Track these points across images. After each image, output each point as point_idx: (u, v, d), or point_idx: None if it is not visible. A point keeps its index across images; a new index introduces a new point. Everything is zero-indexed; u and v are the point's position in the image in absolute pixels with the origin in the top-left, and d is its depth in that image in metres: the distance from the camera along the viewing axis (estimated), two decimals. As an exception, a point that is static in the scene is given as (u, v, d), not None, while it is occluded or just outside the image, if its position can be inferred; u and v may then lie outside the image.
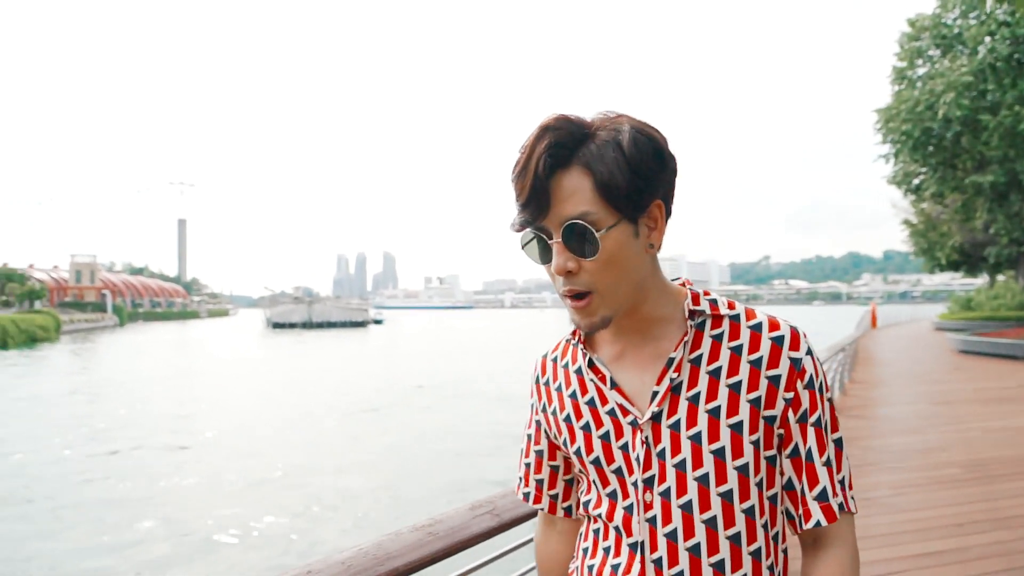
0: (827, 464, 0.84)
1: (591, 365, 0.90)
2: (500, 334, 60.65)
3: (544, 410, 0.98)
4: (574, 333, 0.93)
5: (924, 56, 23.35)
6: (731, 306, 0.88)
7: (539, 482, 1.02)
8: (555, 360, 0.98)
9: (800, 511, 0.84)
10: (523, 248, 0.84)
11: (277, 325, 77.76)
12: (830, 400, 0.86)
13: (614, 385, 0.87)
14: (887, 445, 6.11)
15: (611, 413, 0.87)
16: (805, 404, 0.83)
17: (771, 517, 0.84)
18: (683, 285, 0.90)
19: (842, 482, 0.85)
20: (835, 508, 0.83)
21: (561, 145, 0.77)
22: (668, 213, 0.84)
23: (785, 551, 0.88)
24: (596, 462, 0.89)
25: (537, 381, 1.00)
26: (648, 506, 0.84)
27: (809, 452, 0.83)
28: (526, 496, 1.04)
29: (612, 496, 0.88)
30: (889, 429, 6.96)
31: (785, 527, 0.87)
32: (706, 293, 0.89)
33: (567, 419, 0.93)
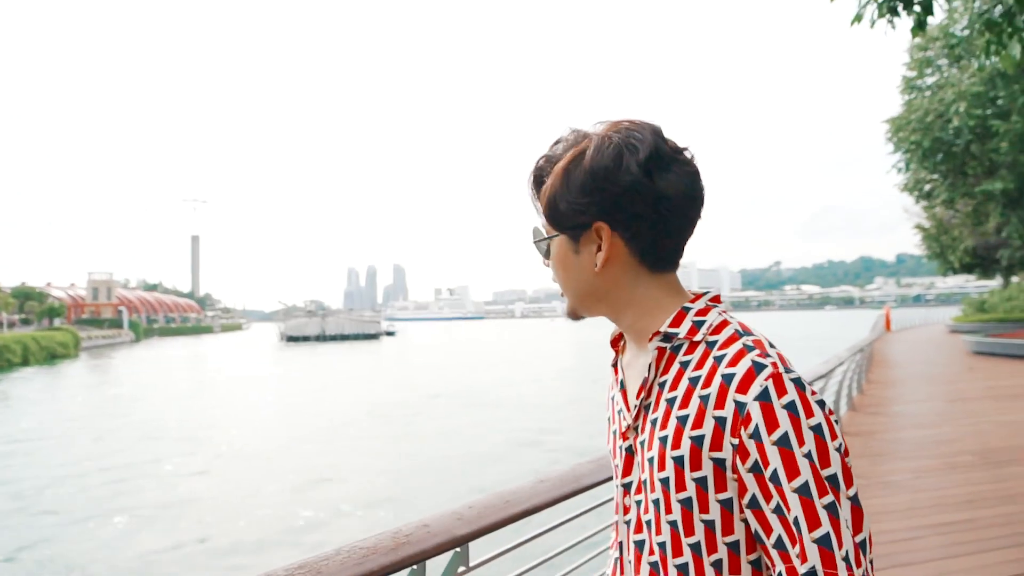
0: (795, 525, 0.69)
1: (614, 364, 0.95)
2: (511, 344, 61.01)
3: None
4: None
5: (933, 66, 23.77)
6: (718, 329, 0.80)
7: None
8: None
9: (779, 568, 0.71)
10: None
11: (291, 338, 78.58)
12: (807, 456, 0.69)
13: (622, 387, 0.90)
14: (904, 437, 6.49)
15: (619, 413, 0.91)
16: (754, 456, 0.71)
17: (729, 563, 0.75)
18: (694, 300, 0.84)
19: (846, 558, 0.67)
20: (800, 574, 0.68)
21: (551, 159, 0.86)
22: (647, 224, 0.81)
23: None
24: (610, 453, 0.94)
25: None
26: (626, 509, 0.87)
27: (777, 507, 0.70)
28: None
29: (617, 488, 0.91)
30: (906, 424, 7.32)
31: None
32: (702, 312, 0.82)
33: (608, 405, 0.98)
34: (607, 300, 0.86)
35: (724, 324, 0.80)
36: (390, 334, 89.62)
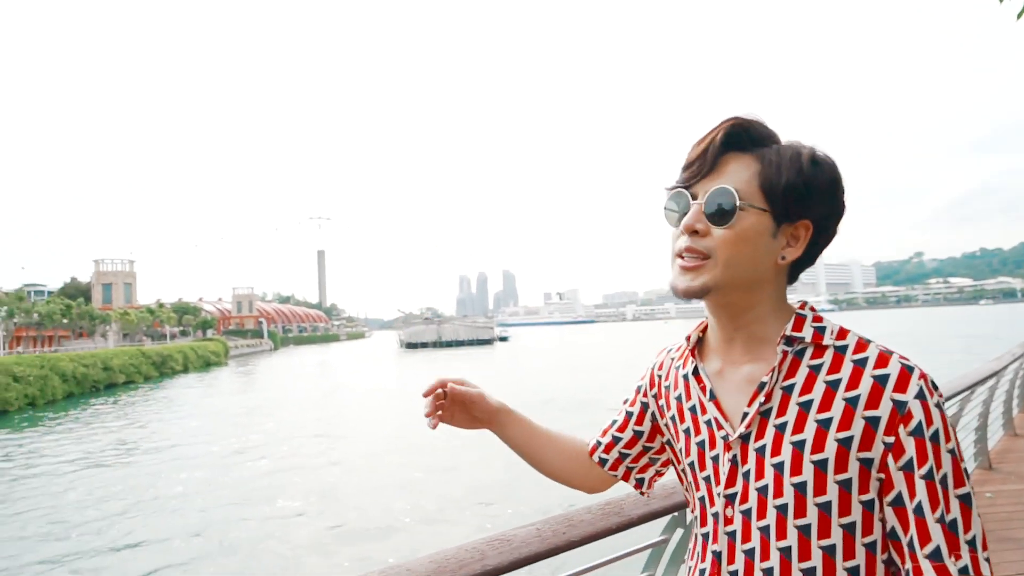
0: (942, 521, 0.74)
1: (695, 373, 0.92)
2: (623, 347, 60.09)
3: (654, 398, 1.03)
4: (688, 338, 0.96)
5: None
6: (841, 335, 0.82)
7: (615, 439, 1.08)
8: (672, 359, 1.01)
9: (908, 566, 0.76)
10: (664, 206, 0.89)
11: (410, 345, 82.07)
12: (951, 451, 0.75)
13: (712, 397, 0.89)
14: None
15: (708, 423, 0.89)
16: (910, 452, 0.75)
17: (867, 565, 0.78)
18: (801, 308, 0.87)
19: (971, 542, 0.74)
20: (953, 572, 0.73)
21: (745, 130, 0.84)
22: (820, 243, 0.86)
23: None
24: (692, 466, 0.92)
25: (653, 369, 1.05)
26: (728, 520, 0.85)
27: (919, 506, 0.74)
28: (596, 445, 1.10)
29: (702, 501, 0.90)
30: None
31: None
32: (817, 319, 0.84)
33: (673, 419, 0.97)
34: (756, 293, 0.86)
35: (846, 331, 0.83)
36: (503, 340, 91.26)
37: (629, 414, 1.08)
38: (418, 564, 1.17)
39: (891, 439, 0.75)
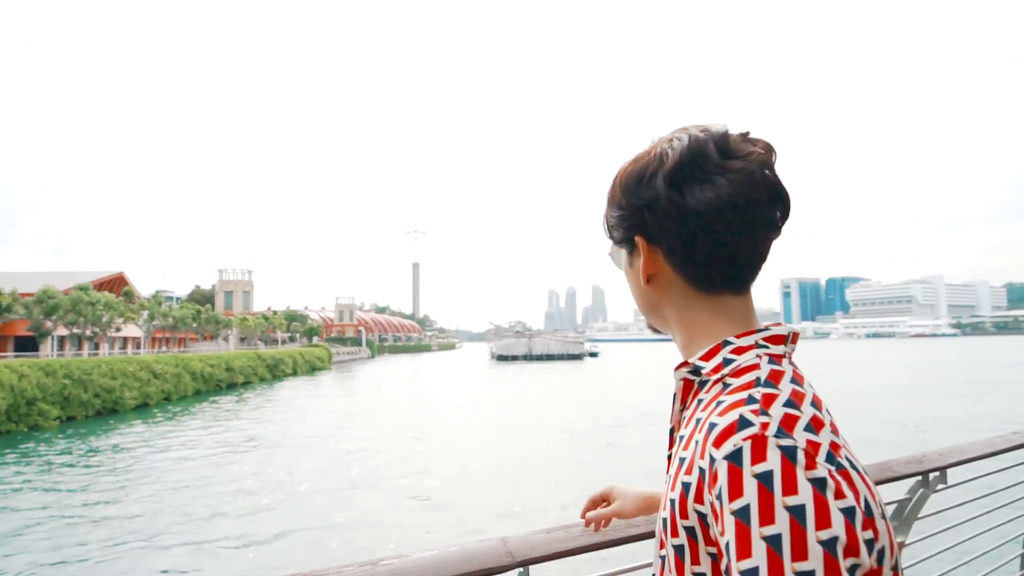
0: None
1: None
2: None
3: None
4: None
5: None
6: (745, 370, 0.69)
7: None
8: None
9: None
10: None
11: (501, 357, 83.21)
12: (768, 539, 0.56)
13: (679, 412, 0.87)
14: None
15: (671, 432, 0.84)
16: (721, 520, 0.60)
17: None
18: (746, 333, 0.73)
19: None
20: None
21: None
22: (670, 251, 0.75)
23: None
24: None
25: None
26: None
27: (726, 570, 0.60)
28: None
29: None
30: None
31: None
32: (738, 350, 0.71)
33: None
34: (660, 315, 0.81)
35: (753, 367, 0.69)
36: (593, 355, 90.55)
37: None
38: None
39: (711, 498, 0.62)
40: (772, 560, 0.55)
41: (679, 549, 0.68)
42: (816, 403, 0.65)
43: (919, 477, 2.06)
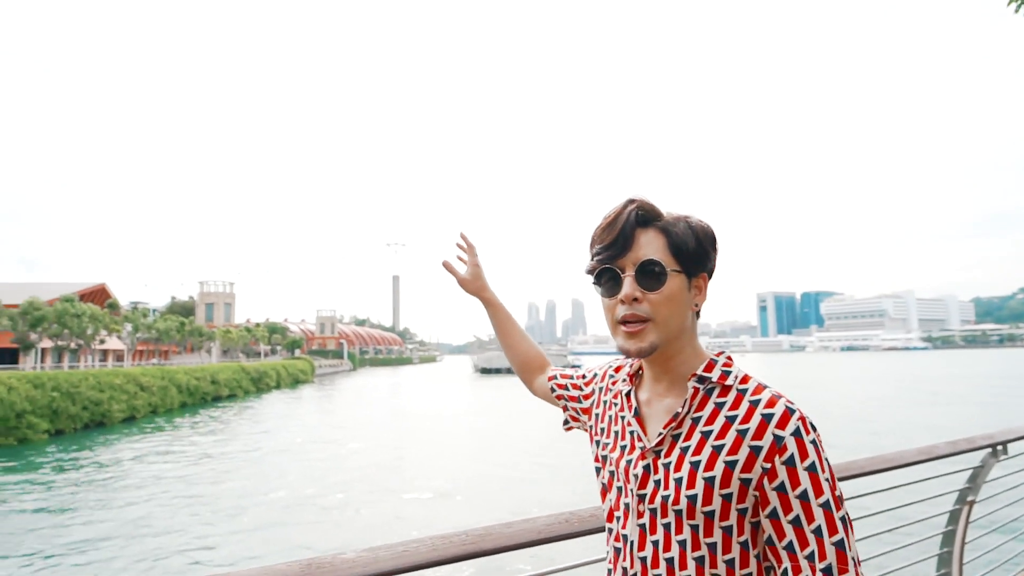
0: (816, 532, 0.90)
1: (627, 395, 1.12)
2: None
3: (588, 395, 1.28)
4: (632, 364, 1.16)
5: None
6: (744, 380, 1.00)
7: (568, 384, 1.35)
8: (613, 374, 1.22)
9: (785, 564, 0.92)
10: (595, 282, 1.07)
11: (484, 370, 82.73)
12: (827, 480, 0.91)
13: (636, 414, 1.08)
14: None
15: (632, 433, 1.08)
16: (782, 477, 0.91)
17: (740, 560, 0.95)
18: (718, 355, 1.05)
19: (854, 559, 0.90)
20: (819, 569, 0.89)
21: (645, 211, 1.03)
22: (706, 289, 1.07)
23: None
24: (606, 460, 1.12)
25: (596, 375, 1.28)
26: (640, 514, 1.02)
27: (796, 519, 0.91)
28: (554, 376, 1.42)
29: (619, 491, 1.07)
30: None
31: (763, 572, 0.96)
32: (727, 364, 1.03)
33: (607, 420, 1.16)
34: (683, 339, 1.04)
35: (748, 377, 1.01)
36: (576, 367, 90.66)
37: (582, 381, 1.33)
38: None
39: (768, 465, 0.92)
40: (833, 491, 0.92)
41: (710, 513, 0.95)
42: None
43: (988, 449, 2.69)
